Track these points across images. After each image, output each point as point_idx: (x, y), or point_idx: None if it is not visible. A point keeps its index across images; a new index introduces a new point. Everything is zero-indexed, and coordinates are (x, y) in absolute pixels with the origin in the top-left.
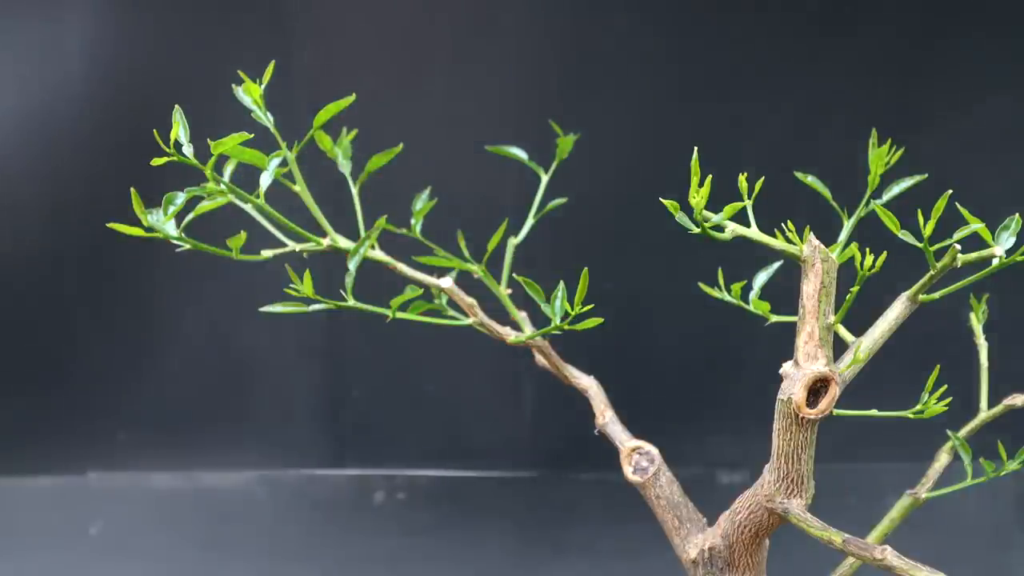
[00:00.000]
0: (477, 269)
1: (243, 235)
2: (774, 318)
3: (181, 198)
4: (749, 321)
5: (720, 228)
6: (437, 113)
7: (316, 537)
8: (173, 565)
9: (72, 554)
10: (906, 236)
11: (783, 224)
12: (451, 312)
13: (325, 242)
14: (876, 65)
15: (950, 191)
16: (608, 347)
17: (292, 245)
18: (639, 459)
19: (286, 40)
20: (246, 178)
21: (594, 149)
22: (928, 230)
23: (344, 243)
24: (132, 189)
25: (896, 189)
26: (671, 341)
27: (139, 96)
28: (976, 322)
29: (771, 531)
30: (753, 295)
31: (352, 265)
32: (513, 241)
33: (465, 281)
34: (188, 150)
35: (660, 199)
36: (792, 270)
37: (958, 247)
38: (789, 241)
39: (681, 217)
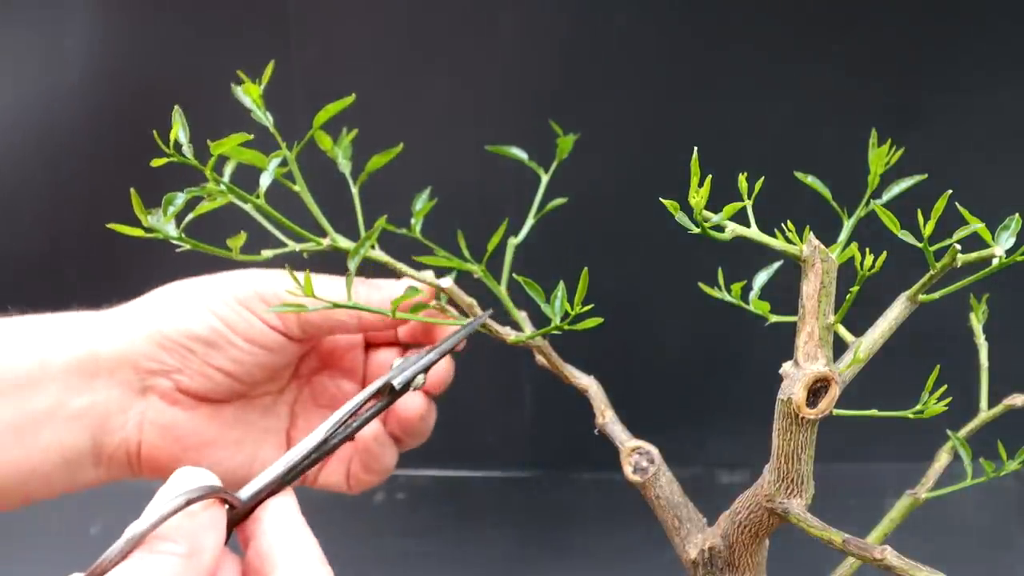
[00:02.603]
0: (477, 269)
1: (243, 235)
2: (774, 318)
3: (181, 198)
4: (749, 321)
5: (720, 228)
6: (437, 113)
7: (316, 537)
8: None
9: (72, 554)
10: (906, 236)
11: (783, 224)
12: (451, 312)
13: (325, 242)
14: (876, 65)
15: (950, 191)
16: (608, 347)
17: (292, 245)
18: (639, 459)
19: (286, 40)
20: (246, 178)
21: (594, 149)
22: (928, 230)
23: (344, 243)
24: (132, 190)
25: (896, 189)
26: (671, 341)
27: (139, 96)
28: (976, 322)
29: (771, 531)
30: (753, 295)
31: (352, 265)
32: (513, 241)
33: (465, 281)
34: (188, 150)
35: (660, 199)
36: (792, 270)
37: (958, 247)
38: (789, 241)
39: (681, 217)
